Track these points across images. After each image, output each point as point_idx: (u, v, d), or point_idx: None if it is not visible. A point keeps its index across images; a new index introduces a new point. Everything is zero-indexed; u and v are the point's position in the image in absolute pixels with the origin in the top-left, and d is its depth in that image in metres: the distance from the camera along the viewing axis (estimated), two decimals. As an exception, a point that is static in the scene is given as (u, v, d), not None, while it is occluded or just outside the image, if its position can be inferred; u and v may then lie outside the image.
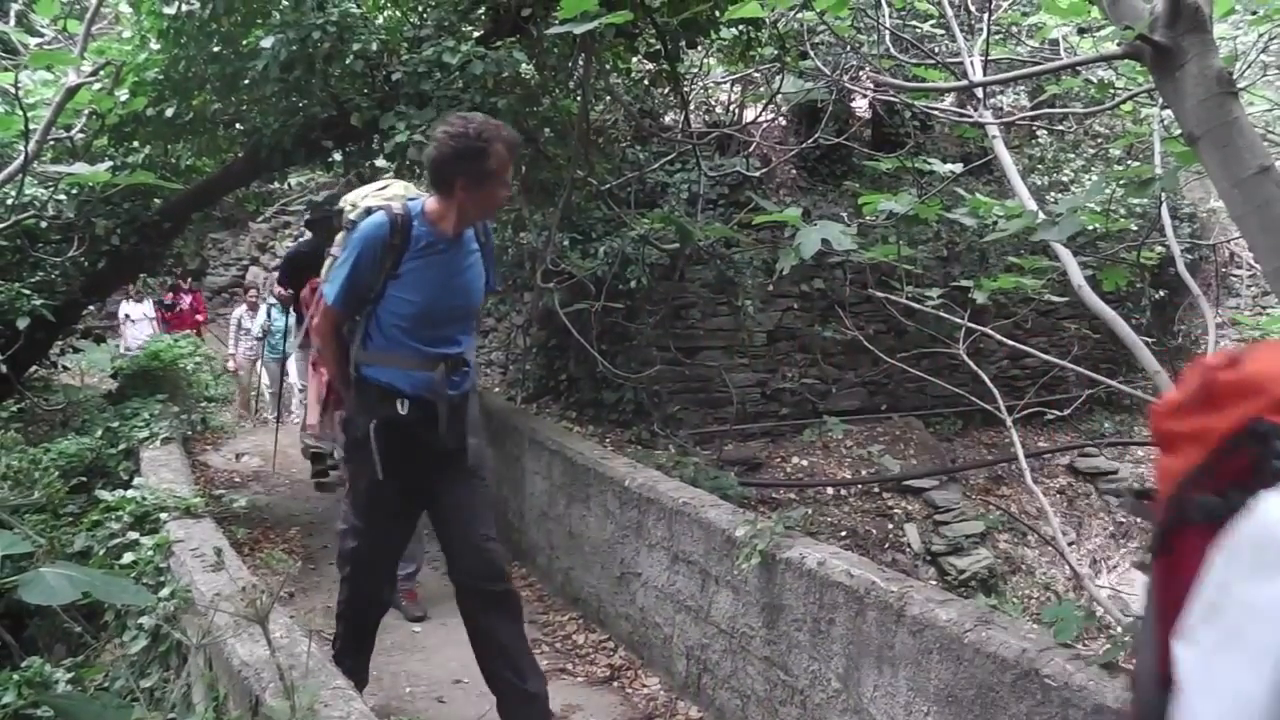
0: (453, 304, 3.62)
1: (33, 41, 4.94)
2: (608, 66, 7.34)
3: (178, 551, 4.34)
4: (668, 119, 9.42)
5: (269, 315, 11.09)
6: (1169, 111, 3.07)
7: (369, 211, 3.59)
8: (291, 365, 9.51)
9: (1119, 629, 3.15)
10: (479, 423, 3.84)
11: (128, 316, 13.19)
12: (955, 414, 10.13)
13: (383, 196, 3.71)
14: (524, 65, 6.24)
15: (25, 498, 4.78)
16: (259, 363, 12.11)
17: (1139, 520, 10.47)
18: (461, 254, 3.61)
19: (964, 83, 3.72)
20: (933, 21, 7.77)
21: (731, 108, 10.46)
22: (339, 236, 3.81)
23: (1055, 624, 2.98)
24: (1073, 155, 11.51)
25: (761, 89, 9.55)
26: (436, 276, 3.53)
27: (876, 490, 9.10)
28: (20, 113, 2.91)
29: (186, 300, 13.73)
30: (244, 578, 4.03)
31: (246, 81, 6.18)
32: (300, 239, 12.44)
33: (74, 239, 6.39)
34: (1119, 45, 2.33)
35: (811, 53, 5.67)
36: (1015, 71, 4.47)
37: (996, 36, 4.98)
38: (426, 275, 3.51)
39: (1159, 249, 8.42)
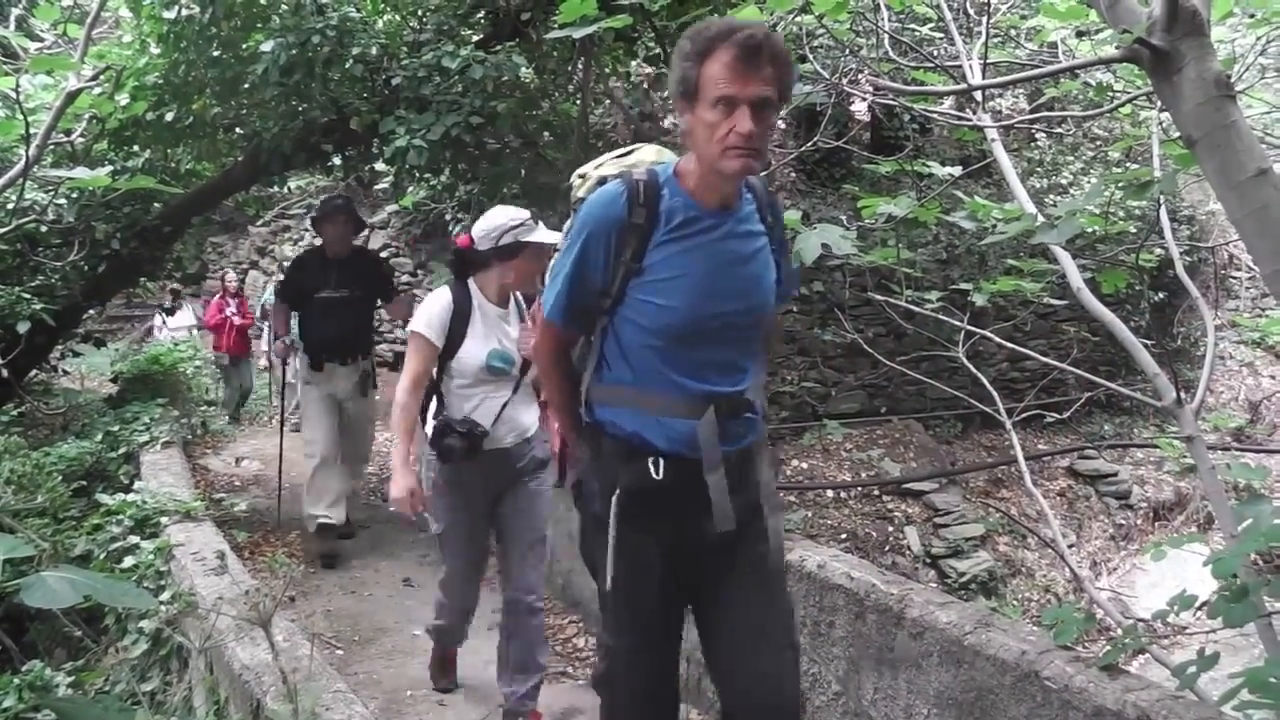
0: (728, 311, 2.37)
1: (33, 46, 4.95)
2: (607, 70, 7.35)
3: (178, 555, 4.35)
4: (667, 123, 9.42)
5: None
6: (1167, 114, 3.07)
7: (602, 183, 2.61)
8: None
9: (1119, 631, 3.16)
10: (774, 493, 2.59)
11: (164, 327, 12.01)
12: (955, 417, 10.14)
13: (623, 164, 2.78)
14: (523, 69, 6.25)
15: (28, 502, 4.78)
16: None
17: (1139, 523, 10.49)
18: (739, 234, 2.40)
19: (963, 86, 3.73)
20: (931, 25, 7.77)
21: (731, 111, 10.46)
22: (566, 224, 2.88)
23: (1055, 626, 2.98)
24: (1071, 158, 11.52)
25: (760, 92, 9.54)
26: (702, 269, 2.34)
27: (876, 493, 9.10)
28: (21, 117, 2.91)
29: (232, 306, 11.67)
30: (245, 581, 4.04)
31: (246, 86, 6.20)
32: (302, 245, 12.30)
33: (74, 243, 6.41)
34: (1117, 49, 2.34)
35: (810, 56, 5.67)
36: (1014, 75, 4.46)
37: (995, 40, 4.99)
38: (686, 267, 2.34)
39: (1158, 251, 8.44)
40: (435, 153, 5.77)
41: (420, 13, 6.66)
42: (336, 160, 7.13)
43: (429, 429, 3.79)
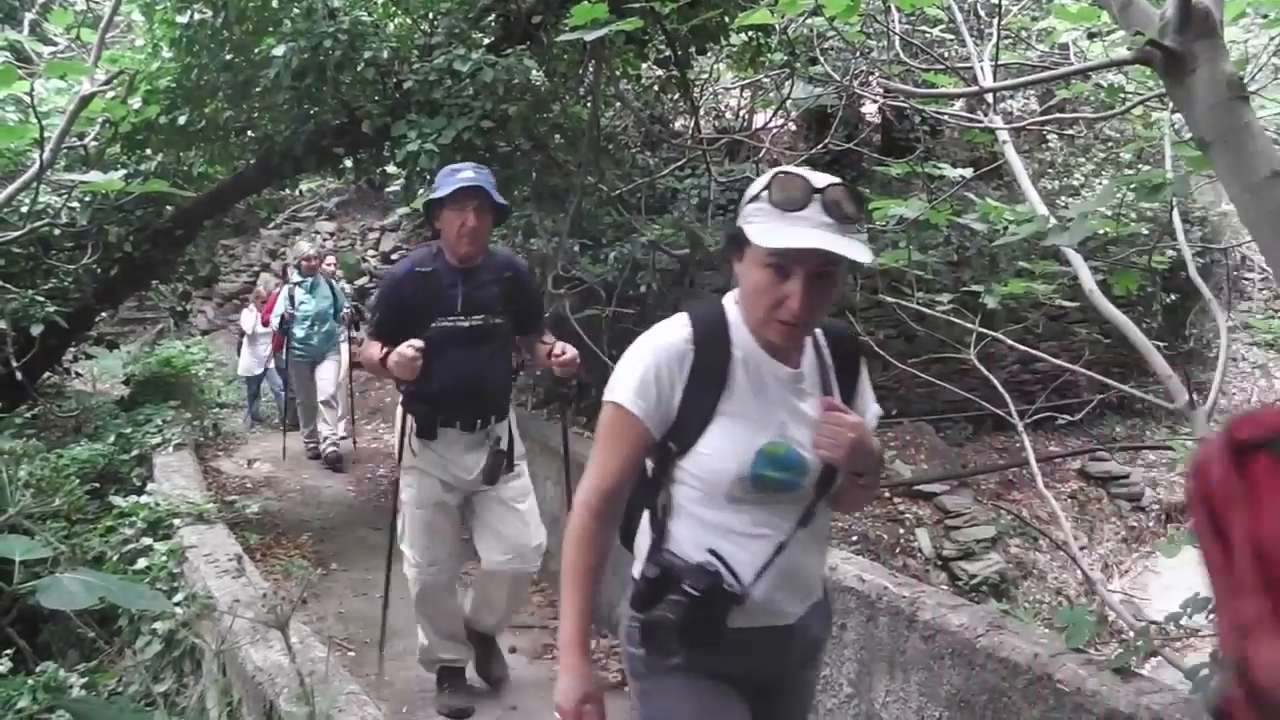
0: None
1: (46, 50, 4.98)
2: (618, 73, 7.36)
3: (191, 557, 4.37)
4: (678, 125, 9.45)
5: (291, 301, 8.94)
6: (1179, 116, 3.07)
7: None
8: (327, 370, 8.97)
9: (1132, 634, 3.15)
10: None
11: (253, 332, 10.66)
12: (966, 419, 10.10)
13: None
14: (534, 72, 6.26)
15: (45, 505, 4.80)
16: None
17: (1151, 525, 10.45)
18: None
19: (974, 88, 3.73)
20: (942, 27, 7.77)
21: (741, 113, 10.48)
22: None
23: (1067, 629, 2.97)
24: (1083, 160, 11.48)
25: (771, 95, 9.56)
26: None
27: (887, 495, 9.08)
28: (35, 121, 2.93)
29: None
30: (260, 584, 4.06)
31: (258, 89, 6.22)
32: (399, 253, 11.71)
33: (87, 246, 6.43)
34: (1129, 50, 2.33)
35: (821, 58, 5.68)
36: (1025, 77, 4.46)
37: (1006, 41, 4.98)
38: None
39: (1170, 253, 8.40)
40: (446, 156, 5.78)
41: (431, 16, 6.67)
42: (348, 163, 7.15)
43: (636, 570, 2.17)
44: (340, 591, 5.80)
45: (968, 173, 4.58)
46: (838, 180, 1.92)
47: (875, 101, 8.85)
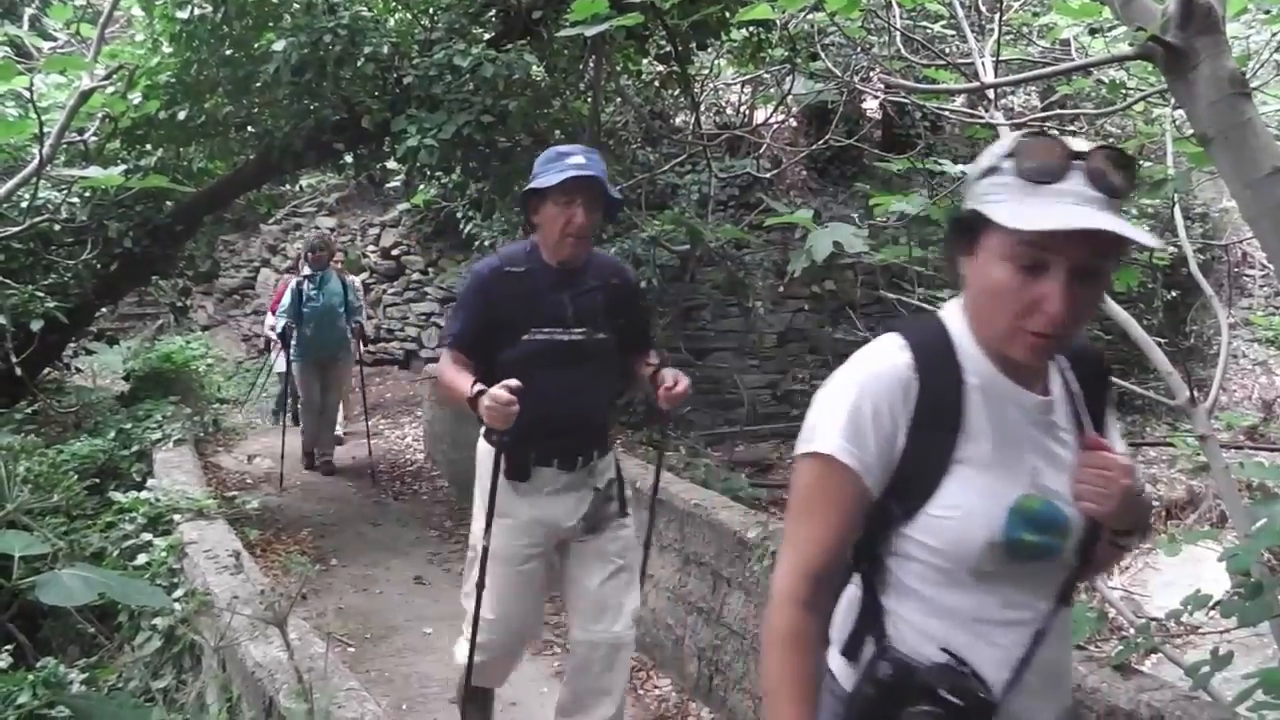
0: None
1: (46, 45, 4.97)
2: (618, 68, 7.35)
3: (190, 553, 4.37)
4: (678, 120, 9.44)
5: (300, 296, 8.23)
6: (1180, 112, 3.06)
7: None
8: (333, 401, 8.73)
9: (1132, 630, 3.14)
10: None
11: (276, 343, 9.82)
12: (967, 415, 10.11)
13: None
14: (535, 67, 6.26)
15: (44, 501, 4.80)
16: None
17: (1151, 521, 10.44)
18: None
19: (975, 84, 3.72)
20: (943, 22, 7.75)
21: (742, 109, 10.47)
22: None
23: (1068, 626, 2.97)
24: (1084, 156, 11.46)
25: (772, 90, 9.55)
26: None
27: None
28: (34, 116, 2.92)
29: None
30: (260, 580, 4.06)
31: (258, 85, 6.21)
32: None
33: (87, 242, 6.43)
34: (1131, 46, 2.33)
35: (822, 54, 5.67)
36: (1027, 73, 4.46)
37: (1007, 37, 4.97)
38: None
39: (1171, 249, 8.40)
40: (446, 151, 5.78)
41: (431, 11, 6.67)
42: (348, 159, 7.15)
43: (832, 665, 1.66)
44: (340, 587, 5.81)
45: (969, 169, 4.58)
46: (1102, 142, 1.52)
47: (876, 97, 8.83)
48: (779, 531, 4.00)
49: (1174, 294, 10.94)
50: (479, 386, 2.99)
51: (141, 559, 4.45)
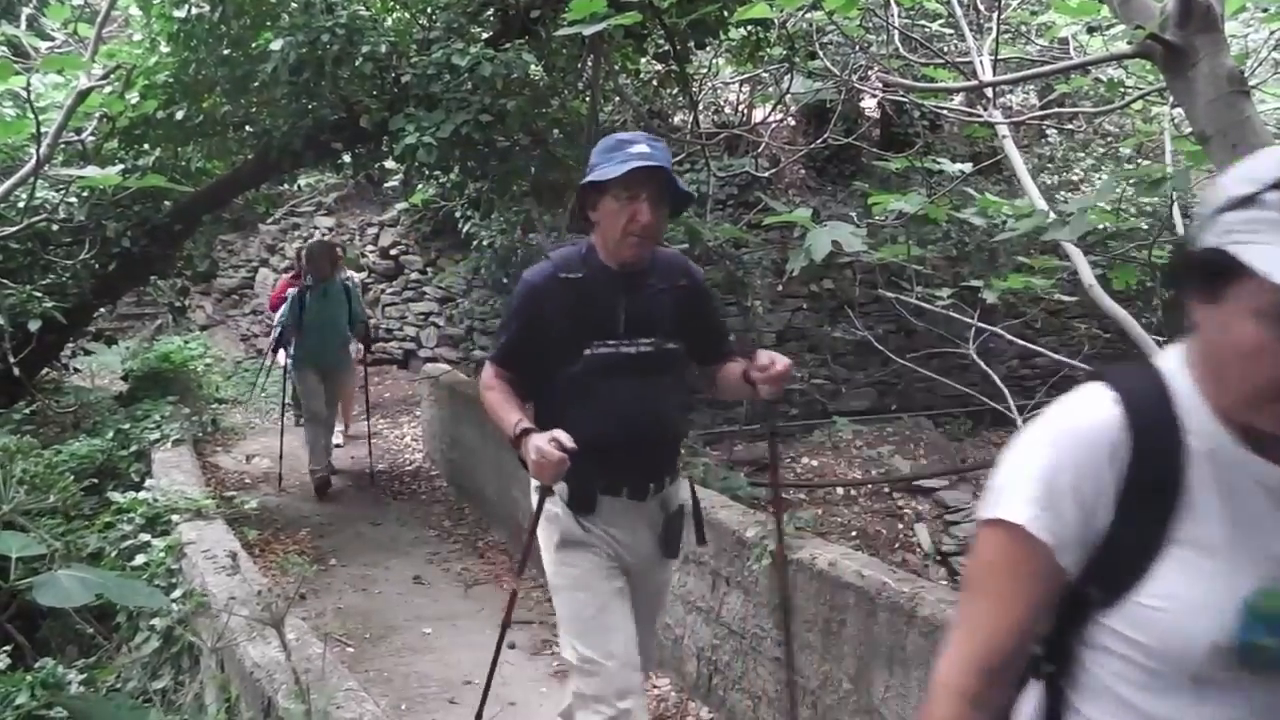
0: None
1: (43, 45, 4.97)
2: (616, 67, 7.34)
3: (189, 553, 4.36)
4: (676, 119, 9.43)
5: (301, 305, 7.93)
6: (1179, 110, 3.06)
7: None
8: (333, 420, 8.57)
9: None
10: None
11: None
12: (965, 414, 10.10)
13: None
14: (533, 67, 6.25)
15: (40, 502, 4.80)
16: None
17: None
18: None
19: (973, 82, 3.72)
20: (941, 21, 7.76)
21: (740, 108, 10.47)
22: None
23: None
24: (1083, 154, 11.48)
25: (770, 89, 9.56)
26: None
27: (886, 491, 9.08)
28: (32, 116, 2.92)
29: None
30: (257, 580, 4.06)
31: (256, 84, 6.20)
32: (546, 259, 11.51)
33: (85, 241, 6.42)
34: (1130, 44, 2.33)
35: (820, 53, 5.68)
36: (1025, 71, 4.46)
37: (1005, 36, 4.97)
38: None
39: (1170, 248, 8.39)
40: (445, 150, 5.77)
41: (429, 10, 6.67)
42: (346, 158, 7.14)
43: None
44: (339, 587, 5.81)
45: (967, 168, 4.58)
46: None
47: (875, 96, 8.84)
48: (777, 532, 3.98)
49: (1173, 293, 10.94)
50: (524, 424, 2.73)
51: (140, 559, 4.45)
